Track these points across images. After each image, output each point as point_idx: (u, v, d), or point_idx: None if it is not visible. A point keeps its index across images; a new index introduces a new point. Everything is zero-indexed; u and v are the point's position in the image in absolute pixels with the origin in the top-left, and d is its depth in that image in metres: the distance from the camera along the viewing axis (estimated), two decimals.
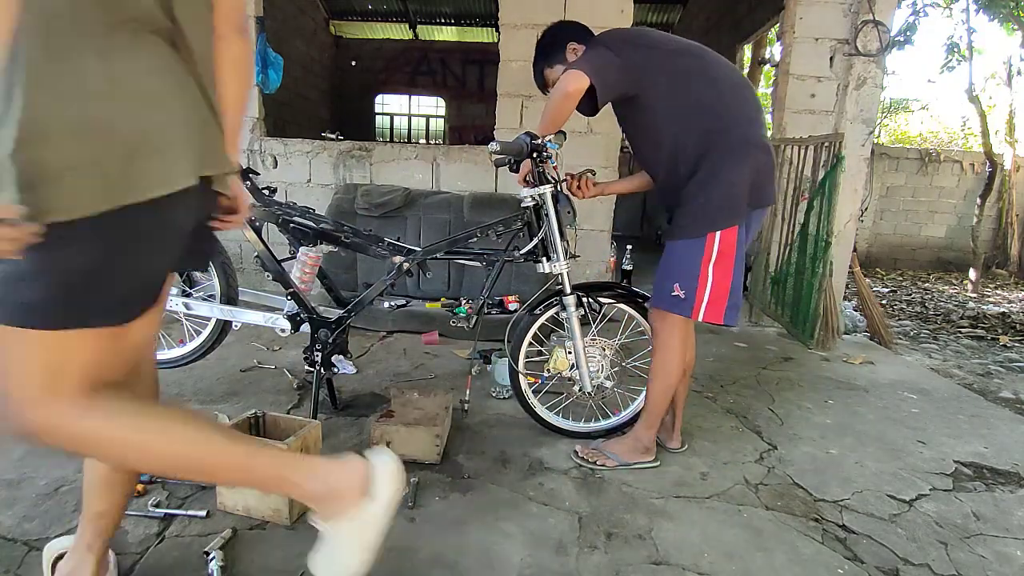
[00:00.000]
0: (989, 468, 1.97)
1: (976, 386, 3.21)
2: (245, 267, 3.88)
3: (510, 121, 3.77)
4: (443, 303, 3.19)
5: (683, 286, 1.65)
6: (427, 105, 11.03)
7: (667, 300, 1.68)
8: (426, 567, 1.32)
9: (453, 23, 9.77)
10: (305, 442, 1.46)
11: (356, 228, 1.99)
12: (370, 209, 3.44)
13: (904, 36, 5.30)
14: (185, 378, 2.33)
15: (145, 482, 1.57)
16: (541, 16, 3.63)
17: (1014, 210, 8.12)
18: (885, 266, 8.48)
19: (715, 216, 1.60)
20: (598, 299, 1.90)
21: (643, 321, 1.92)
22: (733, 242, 1.61)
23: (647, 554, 1.41)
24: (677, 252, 1.68)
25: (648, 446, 1.82)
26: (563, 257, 1.80)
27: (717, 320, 1.64)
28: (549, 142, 1.72)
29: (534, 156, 1.72)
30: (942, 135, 12.50)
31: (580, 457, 1.83)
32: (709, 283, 1.62)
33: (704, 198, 1.61)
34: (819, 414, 2.37)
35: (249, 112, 3.86)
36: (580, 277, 3.87)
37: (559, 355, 1.95)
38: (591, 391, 1.90)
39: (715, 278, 1.62)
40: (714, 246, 1.60)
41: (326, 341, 1.92)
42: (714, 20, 6.73)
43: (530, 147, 1.70)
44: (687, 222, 1.65)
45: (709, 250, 1.61)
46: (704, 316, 1.64)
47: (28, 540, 1.33)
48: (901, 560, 1.45)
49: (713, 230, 1.60)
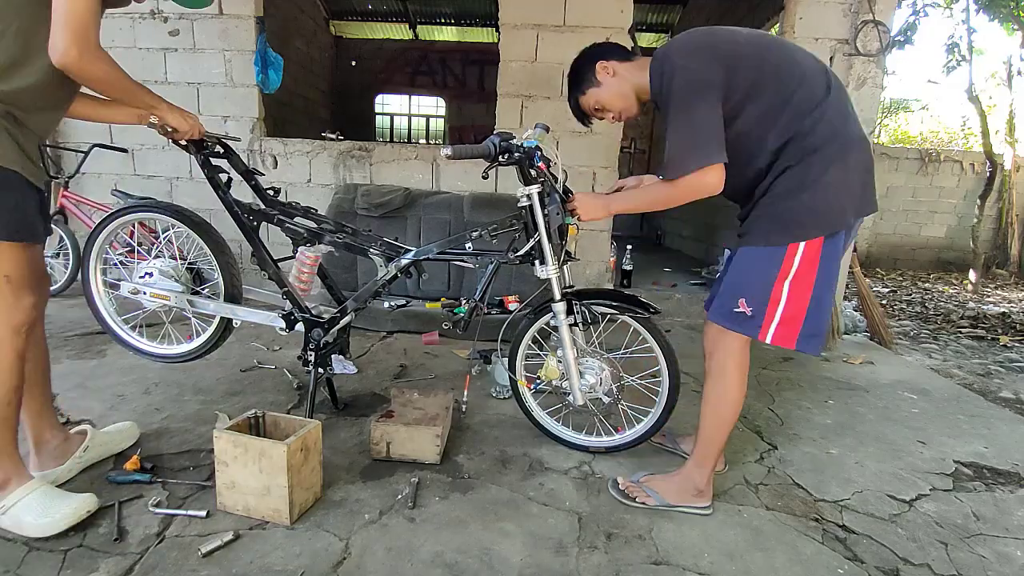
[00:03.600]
0: (989, 468, 1.97)
1: (976, 386, 3.21)
2: (245, 267, 3.88)
3: (510, 121, 3.78)
4: (443, 303, 3.18)
5: (750, 302, 1.42)
6: (427, 105, 11.01)
7: (729, 316, 1.46)
8: (426, 567, 1.32)
9: (453, 23, 9.76)
10: (305, 442, 1.46)
11: (356, 228, 1.99)
12: (370, 209, 3.44)
13: (904, 36, 5.30)
14: (185, 378, 2.33)
15: (147, 481, 1.57)
16: (541, 16, 3.64)
17: (1014, 210, 8.13)
18: (885, 266, 8.48)
19: (804, 223, 1.36)
20: (591, 307, 1.76)
21: (646, 334, 1.75)
22: (818, 255, 1.37)
23: (647, 554, 1.41)
24: (749, 261, 1.44)
25: (701, 488, 1.58)
26: (552, 261, 1.70)
27: (789, 345, 1.41)
28: (527, 140, 1.62)
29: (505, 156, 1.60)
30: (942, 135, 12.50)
31: (620, 491, 1.63)
32: (783, 301, 1.39)
33: (794, 201, 1.36)
34: (819, 414, 2.37)
35: (249, 112, 3.87)
36: (580, 277, 3.87)
37: (550, 363, 1.84)
38: (581, 404, 1.79)
39: (791, 296, 1.38)
40: (795, 259, 1.37)
41: (320, 340, 1.92)
42: (714, 20, 6.72)
43: (499, 148, 1.59)
44: (763, 227, 1.41)
45: (789, 263, 1.37)
46: (773, 339, 1.41)
47: (28, 540, 1.33)
48: (901, 560, 1.45)
49: (797, 240, 1.36)
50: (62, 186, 3.59)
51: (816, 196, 1.34)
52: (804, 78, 1.36)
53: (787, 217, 1.37)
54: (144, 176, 4.03)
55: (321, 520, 1.46)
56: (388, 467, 1.74)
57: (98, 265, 2.00)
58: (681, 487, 1.60)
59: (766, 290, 1.40)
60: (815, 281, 1.38)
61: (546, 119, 3.71)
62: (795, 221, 1.37)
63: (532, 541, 1.43)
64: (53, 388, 2.16)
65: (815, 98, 1.35)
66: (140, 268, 1.96)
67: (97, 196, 3.71)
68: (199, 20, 3.79)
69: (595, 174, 3.85)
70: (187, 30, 3.81)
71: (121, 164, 3.99)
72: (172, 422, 1.95)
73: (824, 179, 1.34)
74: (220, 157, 1.88)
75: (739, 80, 1.34)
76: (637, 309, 1.73)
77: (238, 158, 1.92)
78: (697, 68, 1.34)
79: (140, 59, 3.80)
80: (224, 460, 1.44)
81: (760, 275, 1.42)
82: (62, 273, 3.53)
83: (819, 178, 1.34)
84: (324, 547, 1.36)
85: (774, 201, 1.39)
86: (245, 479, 1.43)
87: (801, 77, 1.36)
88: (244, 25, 3.78)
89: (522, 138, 1.64)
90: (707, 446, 1.58)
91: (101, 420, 1.93)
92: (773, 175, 1.39)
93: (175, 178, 4.02)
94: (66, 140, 4.04)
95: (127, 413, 2.00)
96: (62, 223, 3.54)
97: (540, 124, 1.72)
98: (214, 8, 3.75)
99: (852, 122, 1.39)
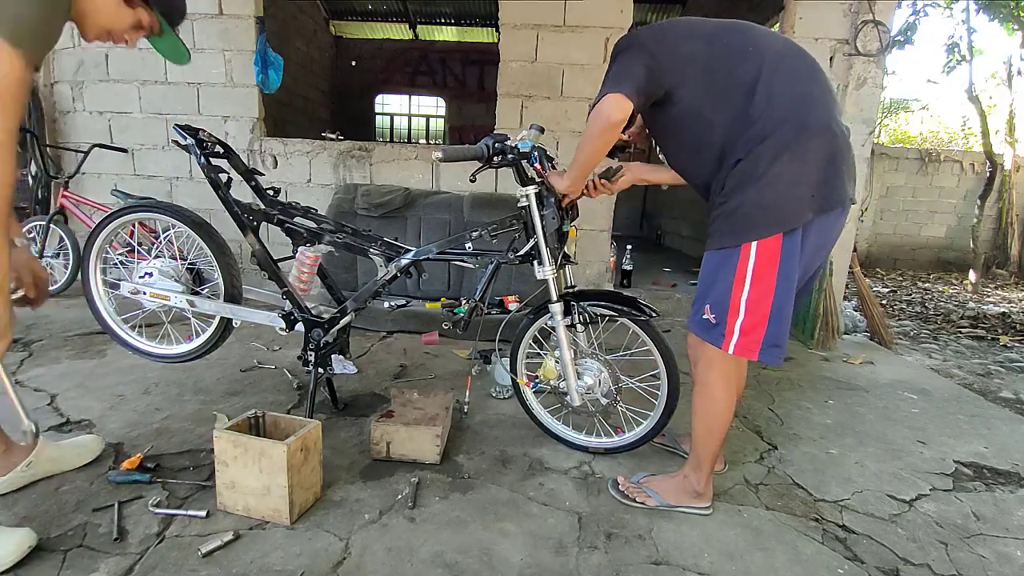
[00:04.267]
0: (989, 468, 1.97)
1: (976, 386, 3.21)
2: (244, 267, 3.88)
3: (510, 121, 3.78)
4: (443, 303, 3.18)
5: (713, 309, 1.36)
6: (427, 105, 11.01)
7: (700, 324, 1.41)
8: (426, 567, 1.32)
9: (453, 23, 9.76)
10: (305, 442, 1.46)
11: (356, 228, 1.99)
12: (370, 209, 3.44)
13: (904, 36, 5.30)
14: (185, 378, 2.33)
15: (147, 481, 1.57)
16: (541, 16, 3.65)
17: (1014, 210, 8.13)
18: (885, 266, 8.48)
19: (755, 221, 1.27)
20: (588, 309, 1.76)
21: (645, 337, 1.73)
22: (776, 256, 1.28)
23: (647, 554, 1.41)
24: (708, 266, 1.40)
25: (699, 490, 1.56)
26: (549, 263, 1.70)
27: (751, 356, 1.34)
28: (520, 142, 1.63)
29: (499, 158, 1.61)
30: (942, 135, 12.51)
31: (620, 491, 1.62)
32: (742, 307, 1.31)
33: (741, 198, 1.28)
34: (819, 414, 2.37)
35: (249, 112, 3.87)
36: (580, 278, 3.87)
37: (548, 363, 1.85)
38: (578, 404, 1.79)
39: (749, 301, 1.30)
40: (749, 261, 1.29)
41: (320, 340, 1.92)
42: None
43: (493, 150, 1.59)
44: (719, 227, 1.35)
45: (744, 265, 1.29)
46: (735, 349, 1.34)
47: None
48: (901, 560, 1.44)
49: (749, 240, 1.28)
50: (62, 186, 3.59)
51: (765, 190, 1.26)
52: (752, 53, 1.30)
53: (737, 215, 1.29)
54: (144, 176, 4.03)
55: (321, 520, 1.46)
56: (388, 467, 1.74)
57: (98, 265, 2.00)
58: (680, 487, 1.60)
59: (725, 296, 1.33)
60: (775, 285, 1.29)
61: (546, 119, 3.73)
62: (745, 219, 1.28)
63: (532, 541, 1.43)
64: (53, 388, 2.18)
65: (755, 72, 1.27)
66: (140, 268, 1.96)
67: (97, 196, 3.71)
68: (199, 20, 3.79)
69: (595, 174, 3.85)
70: (187, 30, 3.81)
71: (121, 164, 3.99)
72: (172, 422, 1.95)
73: (773, 170, 1.24)
74: (220, 157, 1.88)
75: (683, 50, 1.34)
76: (636, 312, 1.70)
77: (238, 158, 1.92)
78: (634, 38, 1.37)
79: (140, 59, 3.80)
80: (224, 460, 1.44)
81: (720, 281, 1.35)
82: (62, 273, 3.53)
83: (767, 170, 1.25)
84: (324, 547, 1.36)
85: (726, 198, 1.32)
86: (245, 479, 1.43)
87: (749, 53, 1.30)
88: (244, 25, 3.79)
89: (516, 139, 1.64)
90: (700, 451, 1.56)
91: (101, 420, 1.94)
92: (725, 169, 1.33)
93: (175, 178, 4.02)
94: (66, 140, 4.04)
95: (127, 413, 2.00)
96: (62, 223, 3.55)
97: (534, 125, 1.72)
98: (214, 8, 3.76)
99: (817, 108, 1.29)
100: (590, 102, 1.42)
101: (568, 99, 3.72)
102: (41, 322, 2.96)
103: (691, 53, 1.34)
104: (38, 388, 2.18)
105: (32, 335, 2.78)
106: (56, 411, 2.01)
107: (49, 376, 2.31)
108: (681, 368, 1.72)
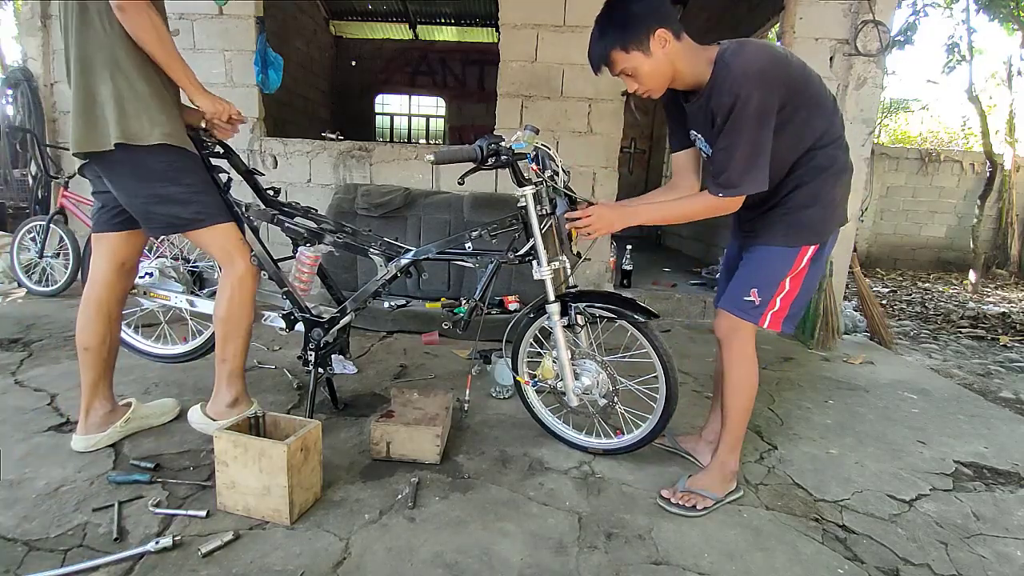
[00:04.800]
0: (989, 468, 1.97)
1: (976, 386, 3.21)
2: None
3: (510, 121, 3.78)
4: (443, 303, 3.18)
5: (761, 292, 1.60)
6: (427, 105, 11.02)
7: (740, 305, 1.62)
8: (426, 567, 1.32)
9: (453, 23, 9.76)
10: (305, 442, 1.46)
11: (356, 228, 1.98)
12: (370, 209, 3.44)
13: (904, 36, 5.30)
14: (185, 378, 2.33)
15: (147, 481, 1.57)
16: (541, 16, 3.65)
17: (1014, 210, 8.14)
18: (885, 266, 8.48)
19: (817, 230, 1.58)
20: (587, 310, 1.77)
21: (643, 339, 1.74)
22: (811, 257, 1.59)
23: (647, 554, 1.41)
24: (767, 258, 1.62)
25: (734, 470, 1.69)
26: (545, 263, 1.72)
27: (775, 328, 1.64)
28: (515, 143, 1.65)
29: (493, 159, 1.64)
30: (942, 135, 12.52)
31: (673, 504, 1.60)
32: (783, 293, 1.60)
33: (810, 212, 1.56)
34: (819, 414, 2.37)
35: (249, 112, 3.87)
36: (580, 277, 3.87)
37: (546, 363, 1.85)
38: (576, 404, 1.81)
39: (791, 290, 1.60)
40: (804, 259, 1.58)
41: (320, 340, 1.92)
42: (714, 20, 6.72)
43: (487, 152, 1.63)
44: (783, 230, 1.59)
45: (799, 262, 1.58)
46: (768, 324, 1.62)
47: (28, 540, 1.33)
48: (901, 560, 1.45)
49: (809, 244, 1.57)
50: (62, 186, 3.59)
51: (826, 209, 1.57)
52: (834, 113, 1.57)
53: (804, 224, 1.57)
54: None
55: (321, 520, 1.46)
56: (388, 467, 1.74)
57: None
58: (722, 477, 1.67)
59: (775, 282, 1.60)
60: (806, 278, 1.62)
61: (546, 119, 3.74)
62: (809, 228, 1.58)
63: (532, 541, 1.43)
64: (53, 388, 2.18)
65: (838, 131, 1.58)
66: (140, 268, 1.96)
67: None
68: (199, 20, 3.79)
69: (595, 174, 3.85)
70: (187, 30, 3.81)
71: None
72: (172, 422, 1.95)
73: (832, 195, 1.57)
74: (220, 157, 1.88)
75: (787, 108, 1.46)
76: (634, 313, 1.70)
77: (238, 158, 1.92)
78: (768, 97, 1.40)
79: None
80: (224, 460, 1.44)
81: (774, 270, 1.61)
82: (62, 273, 3.53)
83: (829, 193, 1.56)
84: (324, 547, 1.36)
85: (792, 210, 1.58)
86: (245, 479, 1.43)
87: (831, 111, 1.56)
88: (244, 25, 3.79)
89: (511, 140, 1.65)
90: (736, 431, 1.69)
91: None
92: (787, 189, 1.57)
93: None
94: (66, 140, 4.04)
95: None
96: (62, 223, 3.55)
97: (529, 126, 1.71)
98: (214, 8, 3.75)
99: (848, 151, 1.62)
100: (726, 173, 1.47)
101: (568, 99, 3.72)
102: (41, 322, 2.96)
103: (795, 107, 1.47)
104: (38, 388, 2.18)
105: (32, 335, 2.78)
106: (56, 411, 2.01)
107: (49, 376, 2.31)
108: (681, 368, 1.72)
